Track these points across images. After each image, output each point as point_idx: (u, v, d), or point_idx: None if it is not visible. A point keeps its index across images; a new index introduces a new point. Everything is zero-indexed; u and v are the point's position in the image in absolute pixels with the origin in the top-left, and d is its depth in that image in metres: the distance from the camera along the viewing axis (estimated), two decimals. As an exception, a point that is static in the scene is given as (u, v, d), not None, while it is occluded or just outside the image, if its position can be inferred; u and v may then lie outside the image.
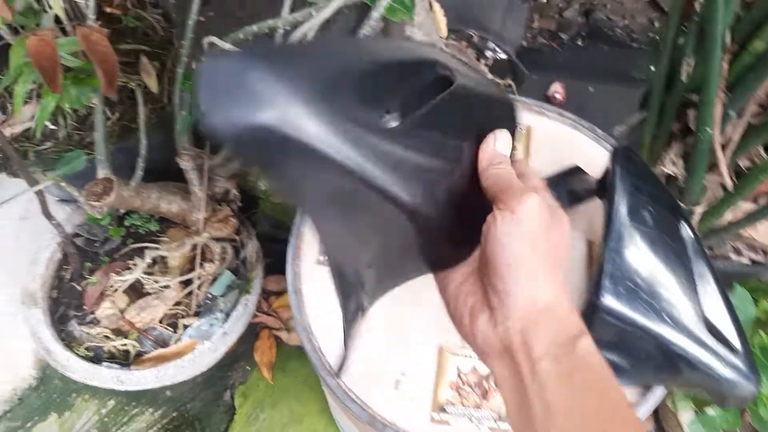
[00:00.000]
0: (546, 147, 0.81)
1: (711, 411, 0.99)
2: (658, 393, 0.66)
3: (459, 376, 0.66)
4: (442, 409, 0.64)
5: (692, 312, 0.62)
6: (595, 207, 0.74)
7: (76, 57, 0.91)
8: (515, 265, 0.38)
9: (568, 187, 0.74)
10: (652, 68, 1.77)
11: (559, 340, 0.37)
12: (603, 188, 0.67)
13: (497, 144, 0.43)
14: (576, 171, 0.75)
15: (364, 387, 0.66)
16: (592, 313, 0.59)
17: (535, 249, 0.38)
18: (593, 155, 0.81)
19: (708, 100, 0.80)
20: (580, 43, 1.83)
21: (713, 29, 0.74)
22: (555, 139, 0.82)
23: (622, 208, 0.61)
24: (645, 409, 0.65)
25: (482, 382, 0.66)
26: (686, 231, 0.66)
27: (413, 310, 0.70)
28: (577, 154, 0.81)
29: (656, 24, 1.87)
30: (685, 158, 0.94)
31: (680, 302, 0.61)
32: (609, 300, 0.58)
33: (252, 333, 1.31)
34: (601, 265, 0.60)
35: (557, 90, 1.60)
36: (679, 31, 0.87)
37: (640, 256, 0.61)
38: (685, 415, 1.07)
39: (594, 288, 0.59)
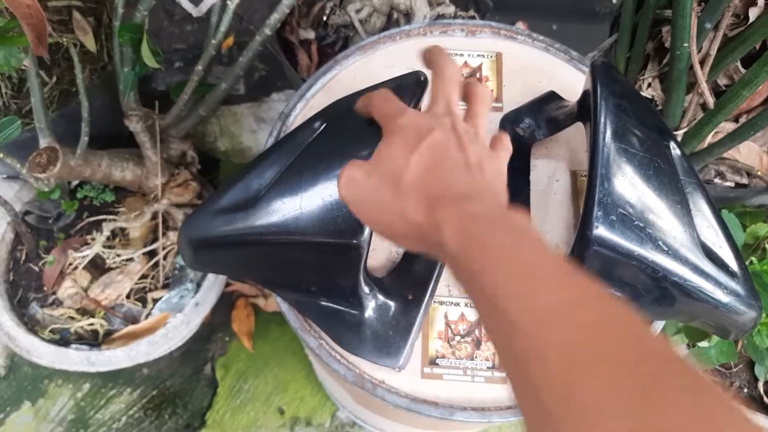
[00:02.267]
0: (518, 74, 0.76)
1: (705, 343, 0.97)
2: (656, 327, 0.62)
3: (448, 325, 0.62)
4: (434, 363, 0.61)
5: (688, 237, 0.58)
6: (575, 134, 0.69)
7: (2, 16, 0.82)
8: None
9: (545, 115, 0.69)
10: (614, 1, 1.73)
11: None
12: (584, 112, 0.62)
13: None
14: (552, 97, 0.70)
15: (346, 345, 0.61)
16: (583, 245, 0.55)
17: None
18: (569, 79, 0.76)
19: (683, 14, 0.76)
20: (541, -21, 1.76)
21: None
22: (527, 64, 0.77)
23: (607, 130, 0.57)
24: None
25: (474, 330, 0.62)
26: (675, 152, 0.62)
27: (391, 261, 0.65)
28: (552, 79, 0.75)
29: (618, -47, 1.82)
30: (662, 80, 0.90)
31: (675, 228, 0.57)
32: (601, 230, 0.54)
33: (228, 302, 1.26)
34: (589, 194, 0.55)
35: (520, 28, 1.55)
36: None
37: (629, 181, 0.56)
38: (679, 349, 1.06)
39: (584, 219, 0.55)
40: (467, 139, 0.45)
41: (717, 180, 0.98)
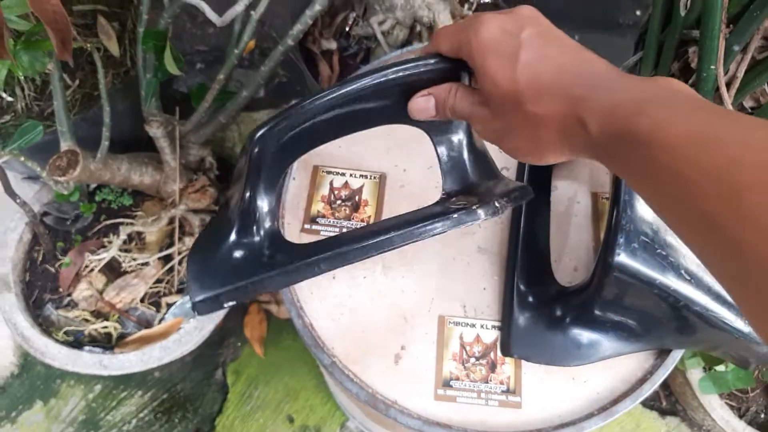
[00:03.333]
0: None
1: (722, 367, 0.95)
2: (676, 356, 0.61)
3: (463, 347, 0.61)
4: (448, 385, 0.60)
5: (710, 265, 0.57)
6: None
7: (26, 20, 0.83)
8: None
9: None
10: (638, 13, 1.71)
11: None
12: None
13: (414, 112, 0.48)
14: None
15: (361, 364, 0.61)
16: (605, 272, 0.54)
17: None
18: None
19: (711, 35, 0.74)
20: (564, -10, 1.76)
21: (718, -44, 0.68)
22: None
23: (633, 155, 0.56)
24: (662, 374, 0.61)
25: (489, 353, 0.61)
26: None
27: (406, 283, 0.65)
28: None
29: (640, -33, 1.80)
30: (688, 100, 0.89)
31: (697, 255, 0.56)
32: (623, 257, 0.53)
33: (241, 308, 1.26)
34: (612, 220, 0.55)
35: (544, 38, 1.54)
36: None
37: (653, 208, 0.55)
38: (694, 372, 1.04)
39: (606, 245, 0.54)
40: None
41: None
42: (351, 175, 0.70)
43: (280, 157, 0.53)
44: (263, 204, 0.54)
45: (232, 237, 0.53)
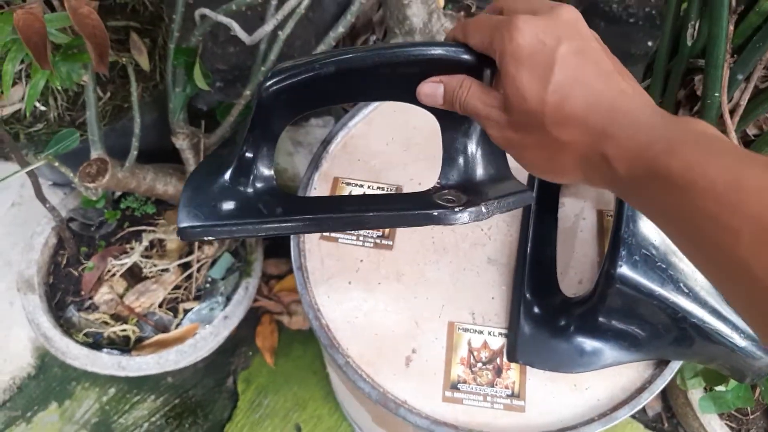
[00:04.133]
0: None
1: (722, 388, 0.97)
2: (674, 367, 0.64)
3: (471, 352, 0.64)
4: (455, 387, 0.63)
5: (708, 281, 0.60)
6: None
7: (65, 33, 0.88)
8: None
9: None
10: (650, 44, 1.75)
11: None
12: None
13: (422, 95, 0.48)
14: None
15: (374, 365, 0.64)
16: (607, 283, 0.57)
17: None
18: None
19: (716, 64, 0.78)
20: (577, 18, 1.80)
21: (721, -10, 0.72)
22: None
23: (636, 173, 0.59)
24: (660, 384, 0.64)
25: (495, 358, 0.64)
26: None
27: (419, 289, 0.68)
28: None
29: (653, -1, 1.85)
30: (693, 127, 0.92)
31: (696, 271, 0.59)
32: (625, 269, 0.56)
33: (253, 318, 1.29)
34: (615, 234, 0.58)
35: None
36: (684, -6, 0.85)
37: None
38: (695, 392, 1.06)
39: (609, 257, 0.57)
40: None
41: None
42: (369, 186, 0.74)
43: (287, 107, 0.53)
44: (262, 150, 0.56)
45: (228, 176, 0.56)
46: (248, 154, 0.56)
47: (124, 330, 1.09)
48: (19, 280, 1.10)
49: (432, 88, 0.47)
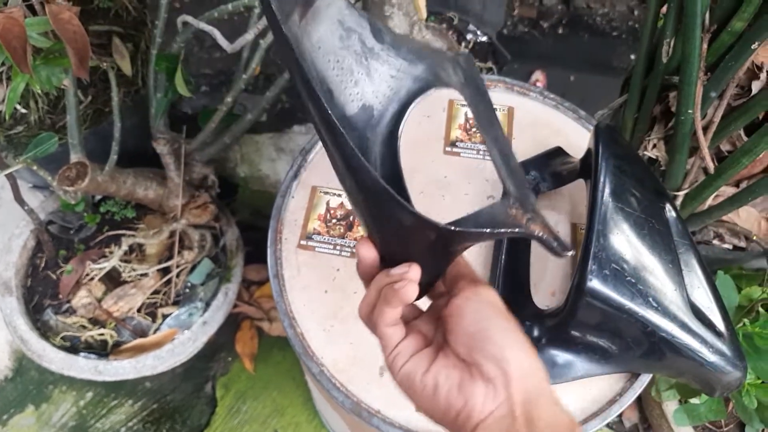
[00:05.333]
0: (528, 128, 0.80)
1: (696, 400, 0.98)
2: (644, 380, 0.65)
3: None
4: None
5: (678, 296, 0.61)
6: (577, 189, 0.73)
7: (46, 37, 0.88)
8: (509, 329, 0.40)
9: (550, 169, 0.73)
10: (633, 57, 1.78)
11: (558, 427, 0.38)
12: (586, 169, 0.66)
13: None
14: (558, 152, 0.74)
15: (347, 374, 0.64)
16: (577, 296, 0.58)
17: (509, 321, 0.41)
18: (576, 136, 0.80)
19: (689, 81, 0.79)
20: (560, 31, 1.82)
21: (693, 9, 0.73)
22: (537, 120, 0.81)
23: (606, 189, 0.60)
24: (630, 396, 0.65)
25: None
26: (671, 214, 0.65)
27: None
28: (559, 135, 0.80)
29: (636, 12, 1.87)
30: (667, 141, 0.94)
31: (666, 286, 0.60)
32: (595, 283, 0.57)
33: (233, 323, 1.29)
34: (586, 248, 0.59)
35: (538, 78, 1.60)
36: (659, 12, 0.86)
37: (625, 239, 0.60)
38: (670, 404, 1.07)
39: (579, 271, 0.58)
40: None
41: (715, 241, 1.01)
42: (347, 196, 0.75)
43: None
44: None
45: None
46: None
47: (102, 334, 1.09)
48: (-3, 282, 1.10)
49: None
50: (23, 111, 1.08)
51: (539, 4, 1.83)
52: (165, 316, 1.11)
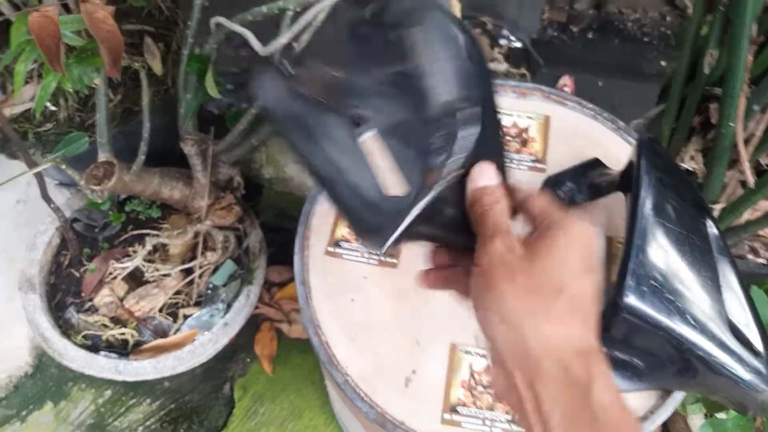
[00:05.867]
0: (564, 138, 0.79)
1: (722, 415, 0.96)
2: (678, 397, 0.63)
3: (472, 375, 0.63)
4: (454, 410, 0.62)
5: (716, 313, 0.59)
6: (614, 201, 0.71)
7: (79, 36, 0.88)
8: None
9: (588, 180, 0.71)
10: (663, 63, 1.75)
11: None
12: (626, 183, 0.64)
13: (479, 180, 0.42)
14: (596, 164, 0.72)
15: (372, 385, 0.63)
16: (613, 312, 0.57)
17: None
18: (614, 148, 0.78)
19: (732, 93, 0.77)
20: (590, 36, 1.80)
21: (741, 19, 0.71)
22: (574, 129, 0.79)
23: (647, 203, 0.59)
24: (663, 414, 0.63)
25: None
26: (711, 229, 0.63)
27: (422, 308, 0.67)
28: (597, 146, 0.78)
29: (668, 18, 1.84)
30: (705, 154, 0.92)
31: (704, 303, 0.58)
32: (632, 299, 0.56)
33: (253, 325, 1.28)
34: (624, 263, 0.57)
35: (566, 83, 1.58)
36: (702, 21, 0.84)
37: (664, 254, 0.58)
38: (695, 418, 1.05)
39: (617, 286, 0.57)
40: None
41: (750, 256, 0.98)
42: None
43: None
44: None
45: None
46: None
47: (123, 333, 1.09)
48: (21, 278, 1.10)
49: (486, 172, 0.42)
50: (53, 108, 1.08)
51: (570, 8, 1.81)
52: (186, 317, 1.11)
